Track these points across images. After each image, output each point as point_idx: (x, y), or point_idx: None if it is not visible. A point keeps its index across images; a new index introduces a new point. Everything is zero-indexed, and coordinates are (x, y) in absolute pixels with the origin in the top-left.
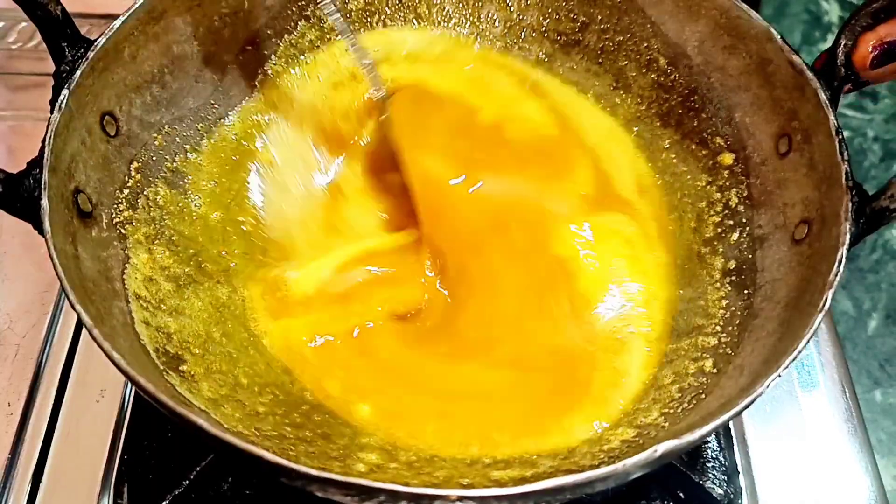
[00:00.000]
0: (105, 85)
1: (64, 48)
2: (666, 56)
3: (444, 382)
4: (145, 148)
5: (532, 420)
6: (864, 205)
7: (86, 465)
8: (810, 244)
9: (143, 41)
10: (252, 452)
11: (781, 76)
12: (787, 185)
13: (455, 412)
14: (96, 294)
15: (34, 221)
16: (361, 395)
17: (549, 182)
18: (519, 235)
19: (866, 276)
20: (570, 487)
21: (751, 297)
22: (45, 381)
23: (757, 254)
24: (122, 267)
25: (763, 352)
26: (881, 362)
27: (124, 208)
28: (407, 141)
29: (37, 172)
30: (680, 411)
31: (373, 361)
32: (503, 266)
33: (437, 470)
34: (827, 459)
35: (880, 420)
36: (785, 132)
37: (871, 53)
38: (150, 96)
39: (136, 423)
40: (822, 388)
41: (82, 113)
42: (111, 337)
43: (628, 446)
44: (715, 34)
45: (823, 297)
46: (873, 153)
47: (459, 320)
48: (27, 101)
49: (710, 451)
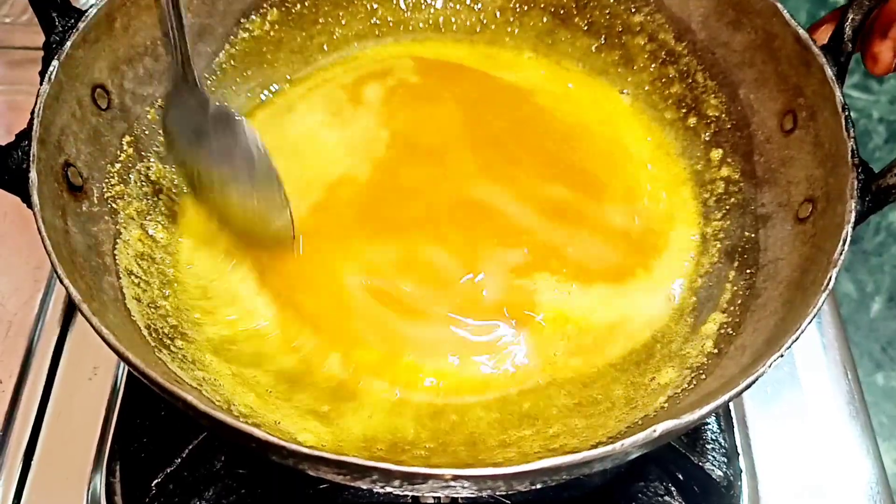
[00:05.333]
0: (96, 56)
1: (54, 18)
2: (670, 31)
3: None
4: (137, 121)
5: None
6: (870, 182)
7: (78, 442)
8: (814, 223)
9: (136, 12)
10: (243, 430)
11: (787, 51)
12: (791, 162)
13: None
14: (86, 269)
15: (23, 195)
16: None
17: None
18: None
19: (869, 259)
20: (566, 468)
21: (753, 276)
22: (37, 359)
23: (760, 233)
24: (112, 242)
25: (765, 332)
26: (883, 345)
27: (116, 182)
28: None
29: (25, 144)
30: (680, 392)
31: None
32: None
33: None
34: (828, 442)
35: (882, 403)
36: (790, 109)
37: (894, 59)
38: (142, 69)
39: (129, 400)
40: (824, 370)
41: (73, 85)
42: (101, 312)
43: (628, 426)
44: (720, 9)
45: (828, 275)
46: (878, 134)
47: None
48: (21, 76)
49: (710, 432)
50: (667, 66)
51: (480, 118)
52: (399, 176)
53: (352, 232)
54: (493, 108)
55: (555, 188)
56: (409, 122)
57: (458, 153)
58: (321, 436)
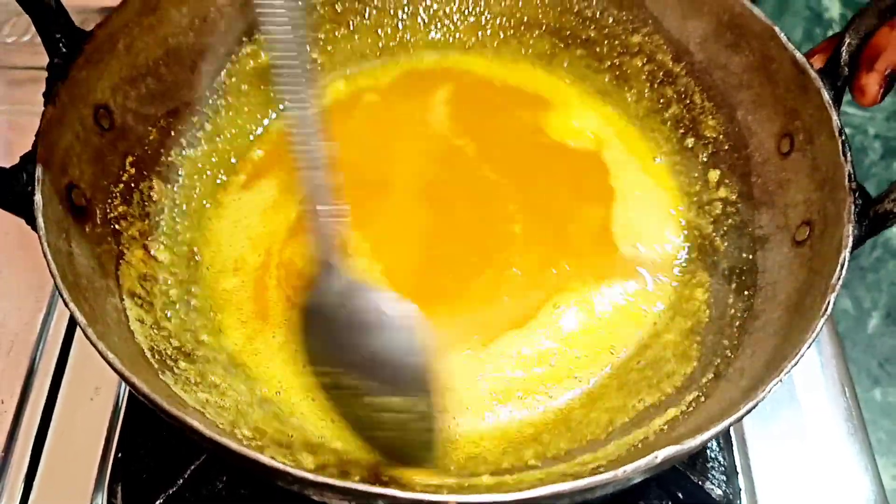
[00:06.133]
0: (99, 77)
1: (58, 40)
2: (668, 53)
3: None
4: (140, 142)
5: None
6: (867, 207)
7: (80, 463)
8: (812, 246)
9: (139, 33)
10: (248, 455)
11: (784, 74)
12: (788, 185)
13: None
14: (90, 291)
15: (27, 217)
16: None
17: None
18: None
19: (866, 275)
20: (569, 493)
21: (752, 298)
22: (38, 378)
23: (758, 254)
24: (115, 263)
25: (764, 355)
26: (881, 361)
27: (118, 203)
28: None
29: (30, 167)
30: (679, 415)
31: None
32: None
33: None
34: (827, 460)
35: (879, 420)
36: (787, 131)
37: (880, 91)
38: (144, 88)
39: (131, 421)
40: (823, 388)
41: (76, 106)
42: (106, 336)
43: (628, 450)
44: (718, 31)
45: (826, 301)
46: (874, 151)
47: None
48: (23, 96)
49: (710, 451)
50: (665, 87)
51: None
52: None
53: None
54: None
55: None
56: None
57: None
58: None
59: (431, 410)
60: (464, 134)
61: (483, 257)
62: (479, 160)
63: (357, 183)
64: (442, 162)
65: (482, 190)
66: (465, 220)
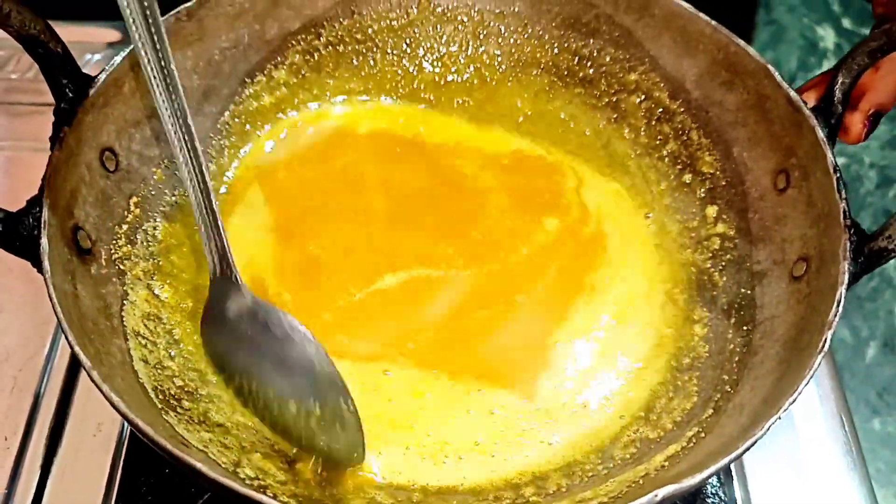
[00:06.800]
0: (105, 120)
1: (64, 84)
2: (665, 90)
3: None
4: (144, 182)
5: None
6: (863, 244)
7: (82, 500)
8: (809, 282)
9: (143, 76)
10: (252, 497)
11: (779, 112)
12: (785, 221)
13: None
14: (95, 333)
15: (33, 260)
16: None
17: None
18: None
19: (864, 305)
20: None
21: (750, 333)
22: (41, 415)
23: (756, 290)
24: (120, 304)
25: (762, 391)
26: (879, 391)
27: (123, 243)
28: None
29: (36, 211)
30: (679, 451)
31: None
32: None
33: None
34: (826, 493)
35: (879, 450)
36: (783, 168)
37: (864, 130)
38: (149, 130)
39: (133, 457)
40: (821, 420)
41: (82, 149)
42: (110, 378)
43: (629, 486)
44: (713, 69)
45: (823, 337)
46: (869, 180)
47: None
48: (26, 132)
49: (710, 485)
50: (662, 124)
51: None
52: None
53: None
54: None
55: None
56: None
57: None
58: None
59: (349, 412)
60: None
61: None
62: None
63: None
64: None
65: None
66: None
